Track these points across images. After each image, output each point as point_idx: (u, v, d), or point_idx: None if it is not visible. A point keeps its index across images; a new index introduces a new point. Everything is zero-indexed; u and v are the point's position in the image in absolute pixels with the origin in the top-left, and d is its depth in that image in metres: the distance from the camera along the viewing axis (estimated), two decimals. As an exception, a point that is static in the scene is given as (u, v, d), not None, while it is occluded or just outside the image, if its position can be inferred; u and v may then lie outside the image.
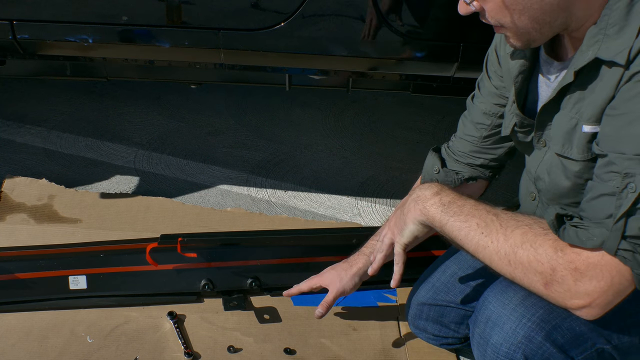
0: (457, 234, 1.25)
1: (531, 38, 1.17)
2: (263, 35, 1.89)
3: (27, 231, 2.12)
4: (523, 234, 1.15)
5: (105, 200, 2.32)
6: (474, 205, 1.25)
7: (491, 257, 1.19)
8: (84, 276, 1.84)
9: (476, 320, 1.34)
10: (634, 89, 1.03)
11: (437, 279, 1.67)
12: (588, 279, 1.07)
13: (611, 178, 1.06)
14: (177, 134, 2.84)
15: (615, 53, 1.06)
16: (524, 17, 1.12)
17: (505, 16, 1.13)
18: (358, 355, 1.74)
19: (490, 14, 1.15)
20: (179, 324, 1.80)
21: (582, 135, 1.16)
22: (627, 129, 1.04)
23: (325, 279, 1.64)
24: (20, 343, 1.73)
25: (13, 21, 1.96)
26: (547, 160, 1.29)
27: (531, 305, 1.24)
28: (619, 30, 1.06)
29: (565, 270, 1.09)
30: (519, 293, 1.26)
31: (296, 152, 2.74)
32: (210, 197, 2.47)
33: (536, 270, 1.12)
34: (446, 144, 1.63)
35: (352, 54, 1.94)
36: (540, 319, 1.22)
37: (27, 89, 3.10)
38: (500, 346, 1.25)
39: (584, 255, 1.08)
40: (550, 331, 1.22)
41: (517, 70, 1.31)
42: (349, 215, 2.40)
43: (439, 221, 1.28)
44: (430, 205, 1.30)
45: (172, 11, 1.90)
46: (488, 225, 1.20)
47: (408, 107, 3.05)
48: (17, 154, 2.65)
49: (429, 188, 1.33)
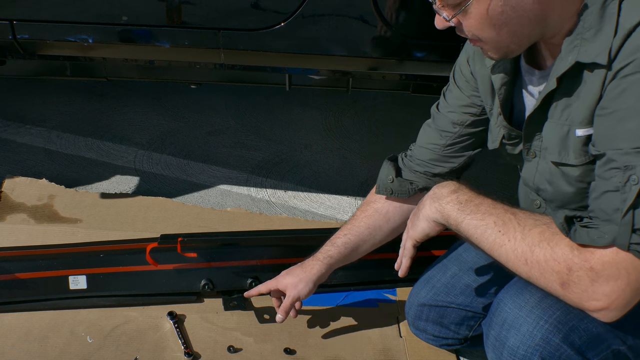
0: (474, 232, 1.24)
1: (509, 50, 1.18)
2: (263, 35, 1.89)
3: (27, 231, 2.12)
4: (541, 232, 1.14)
5: (105, 200, 2.32)
6: (491, 204, 1.25)
7: (507, 256, 1.18)
8: (84, 276, 1.84)
9: (491, 323, 1.33)
10: (620, 85, 1.05)
11: (437, 279, 1.67)
12: (605, 280, 1.06)
13: (613, 175, 1.06)
14: (177, 134, 2.84)
15: (595, 55, 1.08)
16: (503, 31, 1.13)
17: (485, 31, 1.14)
18: (358, 355, 1.74)
19: (469, 29, 1.16)
20: (179, 324, 1.80)
21: (576, 139, 1.16)
22: (620, 126, 1.05)
23: (281, 283, 1.64)
24: (20, 343, 1.73)
25: (13, 21, 1.96)
26: (543, 170, 1.28)
27: (548, 307, 1.23)
28: (595, 33, 1.08)
29: (581, 270, 1.08)
30: (535, 295, 1.25)
31: (296, 152, 2.74)
32: (210, 197, 2.47)
33: (553, 270, 1.11)
34: (403, 154, 1.63)
35: (352, 54, 1.94)
36: (557, 320, 1.21)
37: (27, 89, 3.10)
38: (517, 349, 1.24)
39: (598, 254, 1.07)
40: (567, 333, 1.20)
41: (499, 83, 1.31)
42: (349, 215, 2.39)
43: (455, 219, 1.28)
44: (446, 203, 1.30)
45: (172, 11, 1.90)
46: (505, 224, 1.19)
47: (408, 107, 3.05)
48: (17, 154, 2.65)
49: (446, 186, 1.33)
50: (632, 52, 1.02)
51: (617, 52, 1.04)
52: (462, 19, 1.14)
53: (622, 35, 1.03)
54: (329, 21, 1.88)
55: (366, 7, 1.83)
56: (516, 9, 1.09)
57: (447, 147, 1.52)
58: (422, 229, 1.37)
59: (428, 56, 1.94)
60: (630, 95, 1.03)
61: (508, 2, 1.09)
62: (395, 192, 1.60)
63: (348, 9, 1.85)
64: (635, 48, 1.02)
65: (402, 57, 1.95)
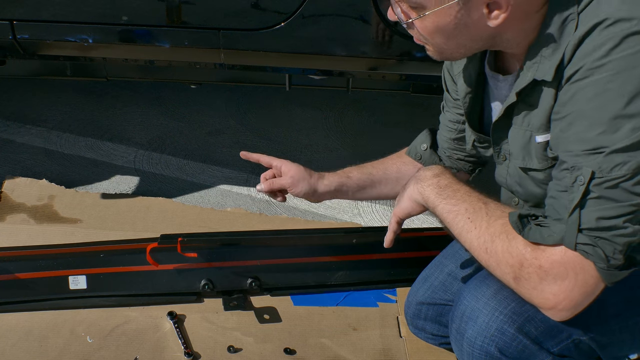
0: (446, 216, 1.26)
1: (452, 57, 1.25)
2: (263, 35, 1.89)
3: (27, 231, 2.12)
4: (504, 224, 1.16)
5: (106, 200, 2.32)
6: (467, 192, 1.26)
7: (471, 242, 1.20)
8: (84, 276, 1.84)
9: (453, 316, 1.36)
10: (570, 90, 1.08)
11: (434, 277, 1.67)
12: (552, 279, 1.09)
13: (564, 176, 1.09)
14: (177, 134, 2.84)
15: (545, 72, 1.12)
16: (451, 42, 1.18)
17: (433, 38, 1.18)
18: (358, 355, 1.74)
19: (418, 31, 1.19)
20: (179, 324, 1.80)
21: (537, 145, 1.21)
22: (570, 129, 1.08)
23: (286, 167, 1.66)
24: (20, 343, 1.73)
25: (13, 21, 1.96)
26: (513, 173, 1.32)
27: (503, 298, 1.26)
28: (552, 52, 1.11)
29: (531, 267, 1.11)
30: (491, 287, 1.28)
31: (296, 152, 2.74)
32: (210, 197, 2.47)
33: (507, 263, 1.14)
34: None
35: (352, 54, 1.94)
36: (512, 311, 1.24)
37: (27, 89, 3.10)
38: (475, 340, 1.27)
39: (548, 253, 1.09)
40: (522, 323, 1.23)
41: (464, 92, 1.36)
42: (349, 215, 2.40)
43: (432, 202, 1.30)
44: (427, 185, 1.32)
45: (172, 11, 1.90)
46: (475, 212, 1.21)
47: (408, 107, 3.05)
48: (17, 154, 2.65)
49: (430, 169, 1.35)
50: (581, 58, 1.05)
51: (570, 60, 1.08)
52: (415, 20, 1.17)
53: (574, 45, 1.07)
54: (329, 21, 1.88)
55: (366, 7, 1.83)
56: (469, 27, 1.14)
57: (454, 141, 1.58)
58: (405, 207, 1.38)
59: (428, 56, 1.93)
60: (579, 100, 1.06)
61: (462, 19, 1.12)
62: (424, 161, 1.64)
63: (348, 9, 1.85)
64: (584, 54, 1.05)
65: (402, 57, 1.95)
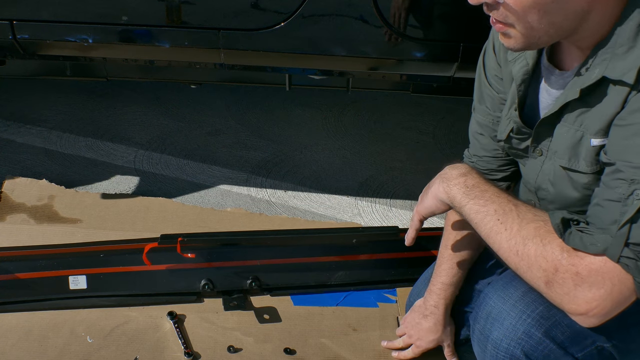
0: (474, 216, 1.24)
1: (537, 42, 1.12)
2: (263, 35, 1.89)
3: (27, 231, 2.12)
4: (537, 228, 1.15)
5: (106, 200, 2.32)
6: (496, 192, 1.25)
7: (501, 244, 1.19)
8: (84, 276, 1.84)
9: (477, 316, 1.35)
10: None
11: (436, 279, 1.66)
12: (588, 286, 1.08)
13: (618, 185, 1.06)
14: (177, 134, 2.84)
15: (623, 73, 1.06)
16: (544, 20, 1.06)
17: (527, 15, 1.06)
18: (358, 355, 1.74)
19: (510, 9, 1.06)
20: (179, 324, 1.80)
21: (590, 148, 1.16)
22: (634, 139, 1.05)
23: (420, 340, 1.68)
24: (20, 343, 1.73)
25: (13, 21, 1.96)
26: (548, 170, 1.28)
27: (531, 301, 1.24)
28: (627, 51, 1.07)
29: (567, 272, 1.09)
30: (519, 289, 1.26)
31: (296, 152, 2.74)
32: (210, 197, 2.47)
33: (540, 267, 1.12)
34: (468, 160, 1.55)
35: (352, 54, 1.94)
36: (540, 315, 1.23)
37: (27, 89, 3.09)
38: (501, 342, 1.26)
39: (587, 260, 1.08)
40: (550, 328, 1.22)
41: (520, 78, 1.27)
42: (349, 215, 2.40)
43: (459, 202, 1.28)
44: (454, 185, 1.30)
45: (172, 11, 1.90)
46: (505, 213, 1.19)
47: (408, 107, 3.05)
48: (17, 154, 2.65)
49: (456, 168, 1.33)
50: None
51: None
52: None
53: None
54: (329, 21, 1.88)
55: (366, 7, 1.83)
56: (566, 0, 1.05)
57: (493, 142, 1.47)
58: (429, 205, 1.36)
59: (428, 56, 1.94)
60: None
61: None
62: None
63: (348, 9, 1.85)
64: None
65: (402, 57, 1.95)
